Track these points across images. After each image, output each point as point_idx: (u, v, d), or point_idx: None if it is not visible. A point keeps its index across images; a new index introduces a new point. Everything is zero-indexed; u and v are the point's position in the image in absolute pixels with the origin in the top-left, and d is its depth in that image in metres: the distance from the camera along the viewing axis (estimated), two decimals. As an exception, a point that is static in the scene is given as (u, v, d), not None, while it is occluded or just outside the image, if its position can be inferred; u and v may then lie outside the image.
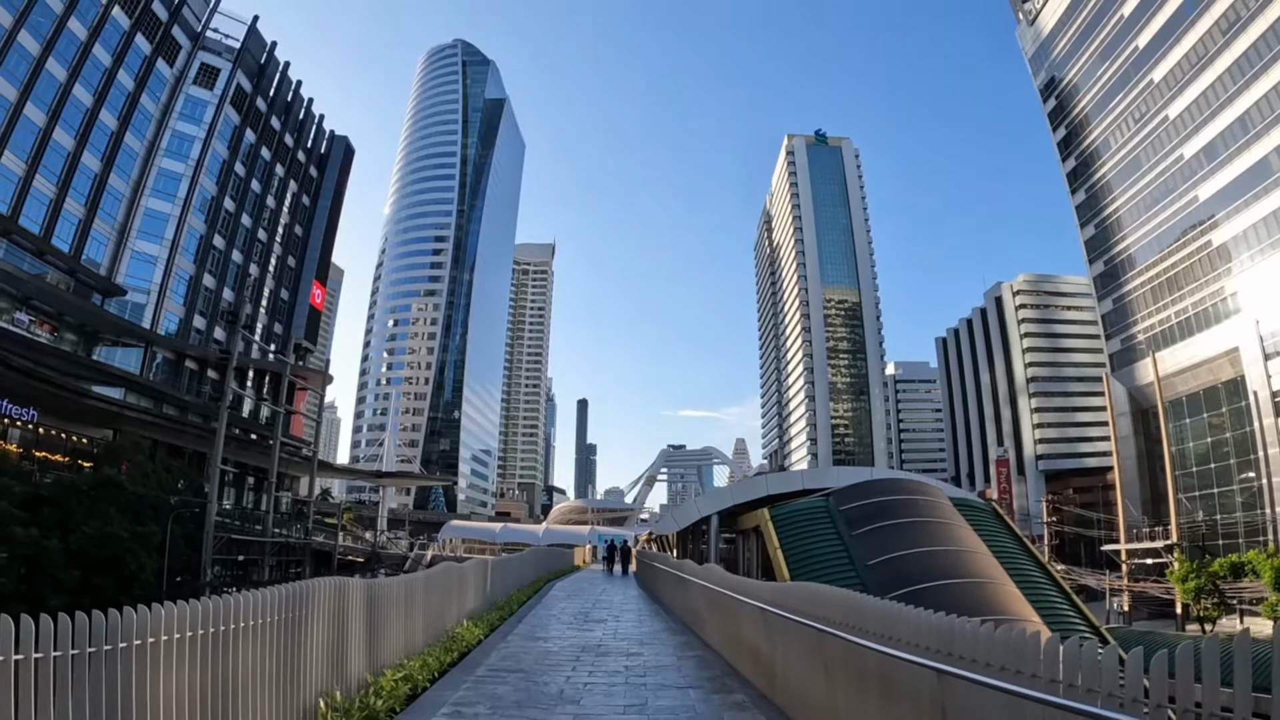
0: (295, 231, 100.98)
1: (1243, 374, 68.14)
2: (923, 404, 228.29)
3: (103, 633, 5.19)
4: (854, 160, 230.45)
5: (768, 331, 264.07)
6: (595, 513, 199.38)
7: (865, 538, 38.05)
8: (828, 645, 8.91)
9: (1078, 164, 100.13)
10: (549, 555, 50.65)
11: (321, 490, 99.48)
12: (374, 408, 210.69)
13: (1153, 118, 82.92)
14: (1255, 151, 67.09)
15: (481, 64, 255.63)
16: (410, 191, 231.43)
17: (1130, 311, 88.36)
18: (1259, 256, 67.08)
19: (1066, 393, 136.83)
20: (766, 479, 71.70)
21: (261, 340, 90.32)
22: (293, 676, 8.01)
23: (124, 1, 69.33)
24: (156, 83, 75.89)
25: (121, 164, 70.15)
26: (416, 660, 12.02)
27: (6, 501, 38.87)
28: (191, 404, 75.01)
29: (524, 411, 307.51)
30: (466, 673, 12.77)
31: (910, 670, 6.85)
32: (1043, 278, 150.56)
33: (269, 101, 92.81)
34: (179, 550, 50.00)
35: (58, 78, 61.52)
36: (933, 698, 6.54)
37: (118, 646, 5.25)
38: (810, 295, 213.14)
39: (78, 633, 5.02)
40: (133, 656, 5.39)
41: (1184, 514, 72.00)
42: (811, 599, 10.12)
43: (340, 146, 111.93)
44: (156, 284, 72.85)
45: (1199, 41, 74.84)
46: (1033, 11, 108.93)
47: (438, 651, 13.33)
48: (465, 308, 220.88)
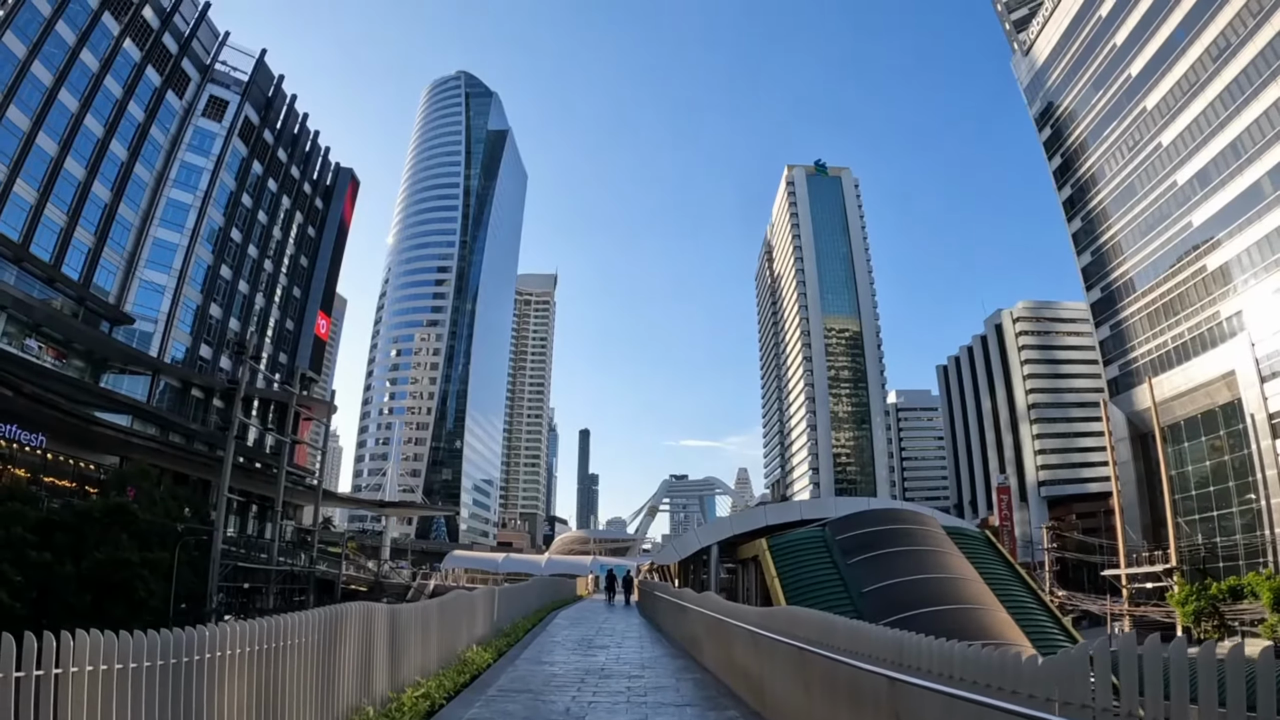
0: (300, 262, 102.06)
1: (1239, 397, 68.71)
2: (925, 432, 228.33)
3: (182, 647, 6.01)
4: (853, 190, 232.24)
5: (769, 361, 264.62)
6: (597, 543, 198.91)
7: (860, 566, 38.78)
8: (807, 661, 9.83)
9: (1074, 192, 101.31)
10: (552, 585, 51.13)
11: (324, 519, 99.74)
12: (376, 437, 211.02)
13: (1146, 145, 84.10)
14: (1248, 176, 68.13)
15: (484, 96, 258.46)
16: (413, 222, 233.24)
17: (1128, 337, 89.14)
18: (1253, 280, 67.89)
19: (1068, 418, 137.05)
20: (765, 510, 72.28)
21: (266, 370, 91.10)
22: (329, 689, 8.90)
23: (135, 33, 70.69)
24: (166, 114, 77.20)
25: (131, 194, 71.25)
26: (433, 680, 12.74)
27: (20, 527, 39.38)
28: (197, 432, 75.62)
29: (526, 441, 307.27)
30: (478, 692, 13.46)
31: (870, 679, 7.78)
32: (1043, 304, 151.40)
33: (276, 134, 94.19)
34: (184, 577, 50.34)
35: (69, 108, 62.63)
36: (889, 702, 7.48)
37: (193, 659, 6.08)
38: (811, 324, 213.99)
39: (163, 647, 5.83)
40: (204, 668, 6.26)
41: (1184, 537, 72.30)
42: (791, 620, 11.17)
43: (345, 178, 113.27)
44: (164, 313, 73.75)
45: (1190, 69, 76.14)
46: (1027, 42, 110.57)
47: (451, 673, 14.05)
48: (468, 338, 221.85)
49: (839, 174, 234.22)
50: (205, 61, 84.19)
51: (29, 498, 45.01)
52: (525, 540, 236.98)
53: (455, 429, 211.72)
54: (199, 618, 48.52)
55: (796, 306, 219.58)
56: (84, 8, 63.94)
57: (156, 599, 46.60)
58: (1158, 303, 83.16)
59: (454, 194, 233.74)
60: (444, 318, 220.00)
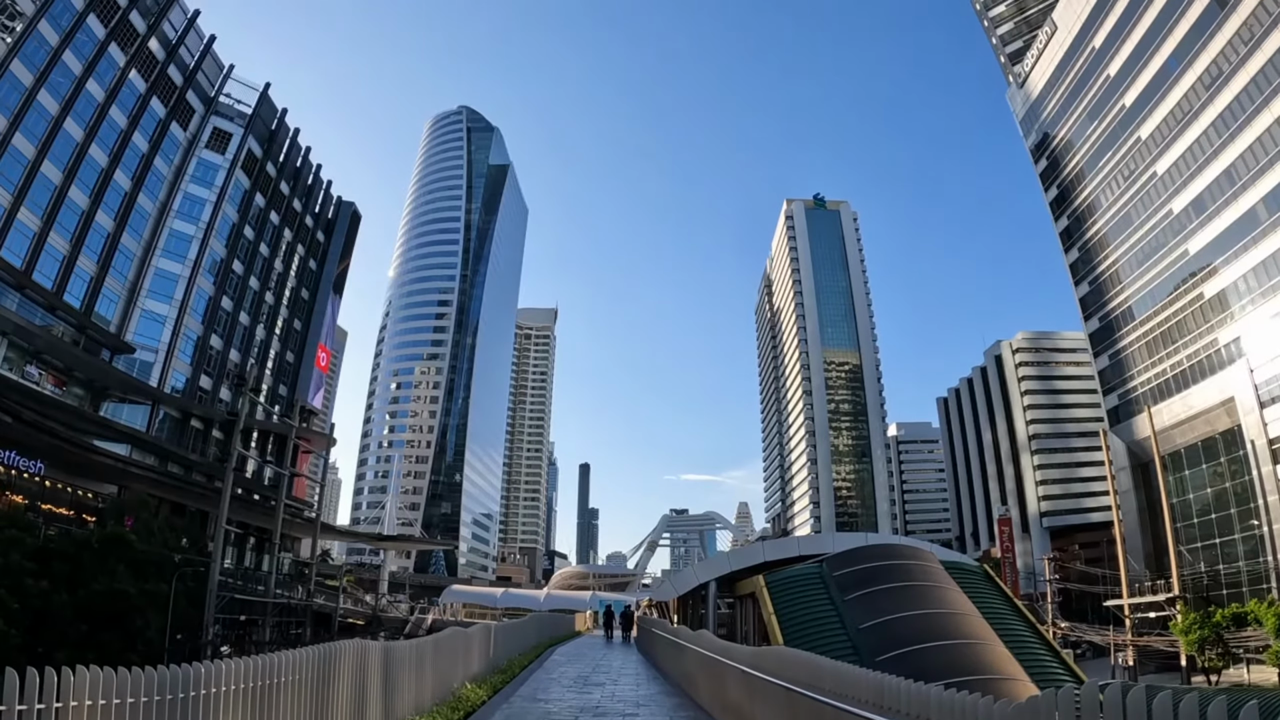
0: (301, 295, 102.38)
1: (1239, 423, 68.69)
2: (926, 464, 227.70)
3: (179, 683, 6.02)
4: (852, 223, 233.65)
5: (769, 395, 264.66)
6: (597, 578, 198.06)
7: (857, 603, 38.79)
8: (795, 702, 9.99)
9: (1070, 222, 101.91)
10: (550, 621, 50.87)
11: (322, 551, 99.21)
12: (375, 470, 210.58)
13: (1141, 174, 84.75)
14: (1243, 202, 68.56)
15: (486, 130, 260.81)
16: (414, 255, 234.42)
17: (1126, 366, 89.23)
18: (1251, 306, 68.11)
19: (1069, 448, 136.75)
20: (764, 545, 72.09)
21: (266, 402, 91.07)
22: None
23: (140, 65, 71.35)
24: (170, 145, 77.72)
25: (134, 223, 71.56)
26: (426, 717, 12.57)
27: (18, 554, 39.18)
28: (196, 463, 75.44)
29: (525, 475, 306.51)
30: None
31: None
32: (1042, 335, 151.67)
33: (279, 167, 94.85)
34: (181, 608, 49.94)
35: (74, 137, 63.00)
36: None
37: (189, 695, 6.07)
38: (811, 358, 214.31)
39: (160, 683, 5.84)
40: (199, 704, 6.28)
41: (1186, 566, 71.91)
42: (781, 661, 11.31)
43: (347, 212, 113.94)
44: (165, 343, 73.83)
45: (1183, 98, 76.88)
46: (1022, 74, 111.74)
47: (445, 710, 13.90)
48: (468, 372, 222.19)
49: (838, 207, 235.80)
50: (209, 94, 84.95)
51: (26, 525, 44.81)
52: (524, 575, 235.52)
53: (455, 463, 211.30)
54: (195, 649, 48.12)
55: (796, 340, 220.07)
56: (91, 38, 64.56)
57: (152, 630, 46.29)
58: (1156, 331, 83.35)
59: (455, 228, 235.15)
60: (444, 351, 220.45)
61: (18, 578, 38.57)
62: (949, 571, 43.16)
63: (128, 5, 68.51)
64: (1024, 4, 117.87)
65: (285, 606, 66.36)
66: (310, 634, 68.02)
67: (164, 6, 74.35)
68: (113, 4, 66.72)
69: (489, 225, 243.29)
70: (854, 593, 39.49)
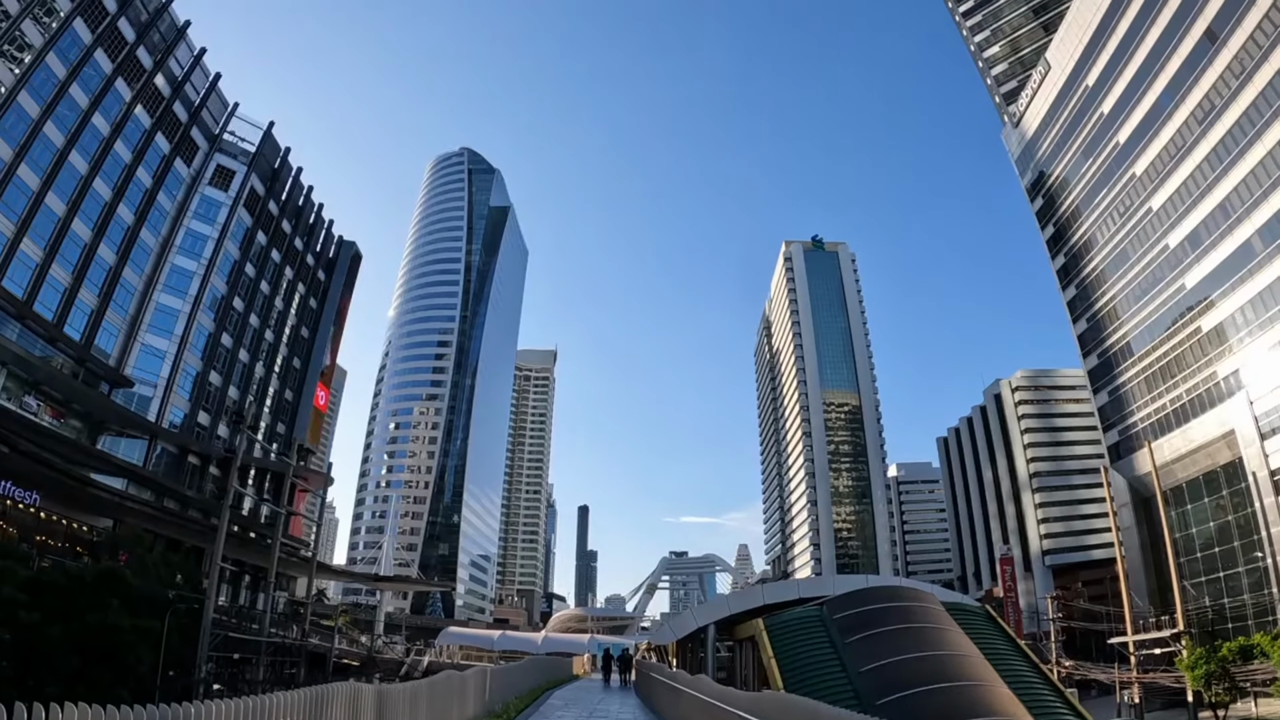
0: (301, 333, 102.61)
1: (1240, 456, 68.32)
2: (926, 505, 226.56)
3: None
4: (850, 265, 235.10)
5: (769, 436, 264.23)
6: (595, 621, 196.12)
7: (857, 645, 38.69)
8: None
9: (1067, 260, 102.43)
10: (547, 664, 50.51)
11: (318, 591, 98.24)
12: (373, 510, 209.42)
13: (1137, 210, 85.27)
14: (1238, 235, 68.87)
15: (487, 172, 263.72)
16: (414, 296, 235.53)
17: (1126, 402, 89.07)
18: (1248, 338, 68.07)
19: (1070, 486, 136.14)
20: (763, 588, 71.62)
21: (264, 440, 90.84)
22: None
23: (146, 100, 72.24)
24: (174, 181, 78.35)
25: (136, 258, 71.86)
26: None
27: (10, 585, 38.82)
28: (193, 499, 74.99)
29: (524, 517, 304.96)
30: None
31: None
32: (1041, 372, 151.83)
33: (281, 205, 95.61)
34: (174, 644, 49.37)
35: (79, 170, 63.44)
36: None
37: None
38: (810, 399, 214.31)
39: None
40: None
41: (1190, 600, 71.08)
42: (780, 706, 11.44)
43: (348, 252, 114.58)
44: (164, 378, 73.80)
45: (1177, 133, 77.62)
46: (1016, 114, 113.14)
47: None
48: (467, 413, 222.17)
49: (836, 249, 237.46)
50: (214, 131, 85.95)
51: (20, 556, 44.49)
52: (522, 617, 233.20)
53: (453, 504, 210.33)
54: (187, 687, 47.49)
55: (795, 381, 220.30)
56: (98, 72, 65.42)
57: (145, 666, 45.76)
58: (1155, 366, 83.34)
59: (455, 269, 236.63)
60: (443, 392, 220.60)
61: (10, 609, 38.17)
62: (950, 613, 43.16)
63: (135, 41, 69.58)
64: (1018, 44, 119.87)
65: (280, 646, 65.63)
66: (304, 674, 67.19)
67: (171, 44, 75.54)
68: (120, 39, 67.73)
69: (489, 266, 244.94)
70: (854, 635, 39.45)
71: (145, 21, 71.51)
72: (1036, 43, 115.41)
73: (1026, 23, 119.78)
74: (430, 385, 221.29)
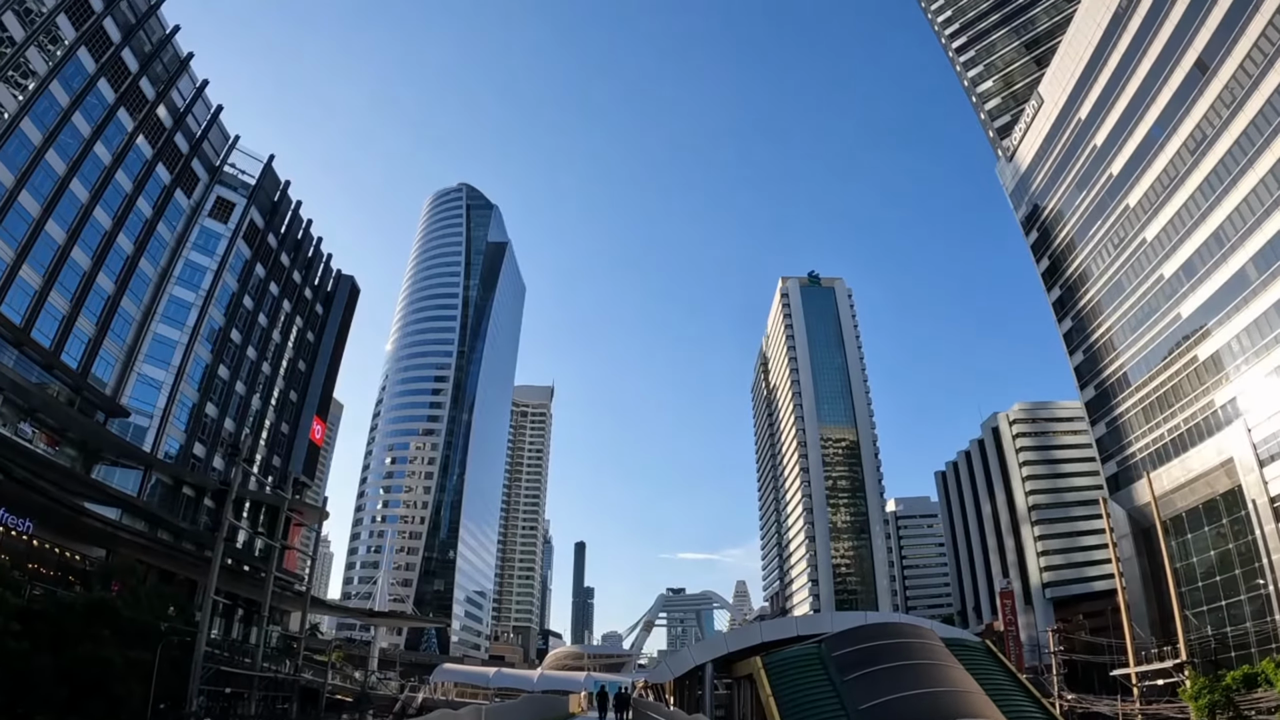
0: (298, 366, 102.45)
1: (1240, 483, 67.86)
2: (925, 539, 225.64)
3: None
4: (847, 300, 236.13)
5: (766, 472, 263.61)
6: (592, 658, 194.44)
7: (856, 683, 38.57)
8: None
9: (1063, 292, 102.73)
10: (542, 702, 50.24)
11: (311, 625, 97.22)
12: (368, 545, 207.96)
13: (1131, 241, 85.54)
14: (1233, 263, 68.92)
15: (485, 208, 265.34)
16: (412, 330, 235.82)
17: (1124, 433, 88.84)
18: (1245, 366, 67.87)
19: (1069, 518, 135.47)
20: (761, 626, 71.17)
21: (260, 472, 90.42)
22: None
23: (148, 130, 72.60)
24: (174, 211, 78.50)
25: (135, 288, 71.83)
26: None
27: (2, 614, 38.38)
28: (186, 531, 74.41)
29: (520, 553, 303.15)
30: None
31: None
32: (1038, 405, 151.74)
33: (280, 238, 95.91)
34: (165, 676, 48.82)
35: (80, 198, 63.52)
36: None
37: None
38: (808, 435, 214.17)
39: None
40: None
41: (1193, 630, 70.34)
42: None
43: (346, 285, 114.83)
44: (160, 409, 73.51)
45: (1169, 163, 78.03)
46: (1010, 148, 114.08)
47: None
48: (463, 448, 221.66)
49: (832, 284, 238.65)
50: (214, 162, 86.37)
51: (12, 583, 44.02)
52: (518, 654, 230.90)
53: (449, 539, 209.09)
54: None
55: (792, 418, 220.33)
56: (101, 101, 65.78)
57: (136, 699, 45.22)
58: (1152, 396, 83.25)
59: (453, 304, 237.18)
60: (440, 427, 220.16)
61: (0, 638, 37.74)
62: (950, 648, 43.05)
63: (138, 71, 70.10)
64: (1011, 79, 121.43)
65: (272, 680, 65.04)
66: (297, 709, 66.58)
67: (174, 75, 76.20)
68: (124, 69, 68.27)
69: (487, 302, 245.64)
70: (853, 673, 39.32)
71: (149, 52, 72.17)
72: (1029, 77, 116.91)
73: (1019, 57, 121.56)
74: (427, 420, 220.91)
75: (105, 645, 43.88)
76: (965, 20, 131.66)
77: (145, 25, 71.47)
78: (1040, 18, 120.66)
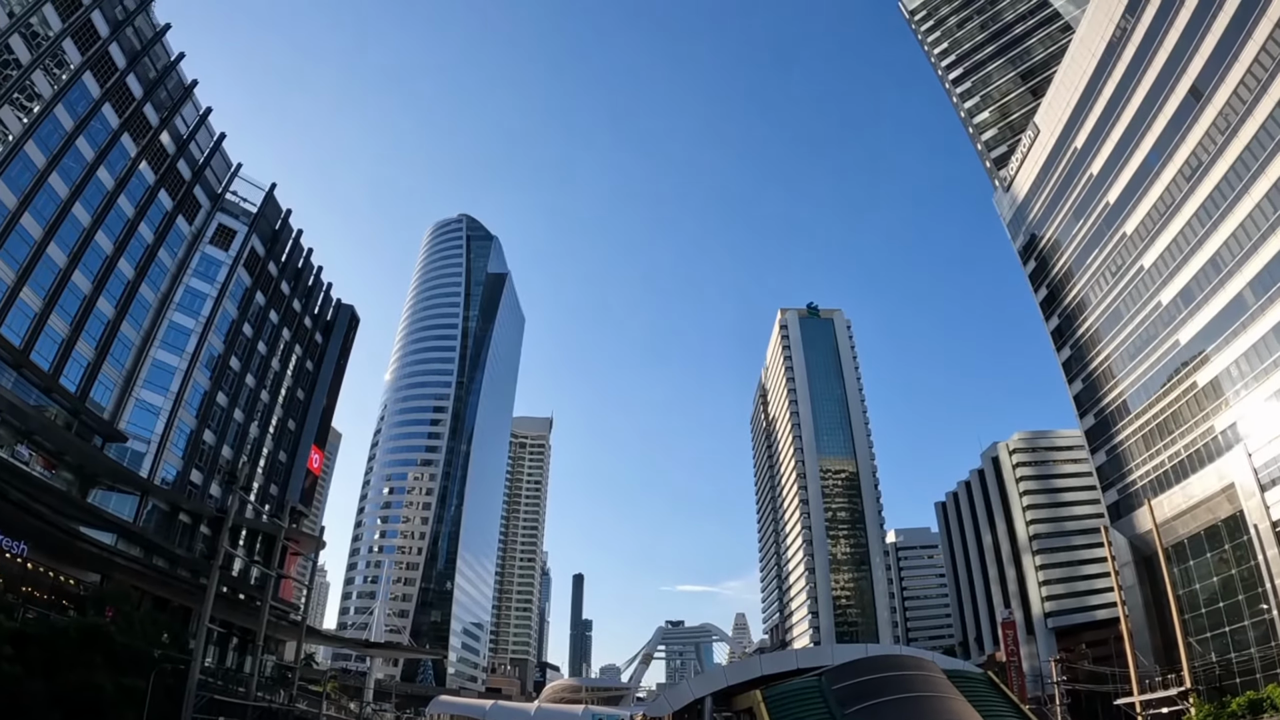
0: (297, 395, 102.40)
1: (1241, 509, 67.53)
2: (926, 570, 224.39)
3: None
4: (846, 332, 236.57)
5: (765, 504, 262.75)
6: (590, 691, 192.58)
7: (858, 716, 38.57)
8: None
9: (1061, 321, 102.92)
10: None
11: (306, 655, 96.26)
12: (365, 575, 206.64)
13: (1129, 269, 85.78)
14: (1230, 289, 69.05)
15: (485, 239, 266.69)
16: (411, 361, 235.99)
17: (1124, 461, 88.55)
18: (1244, 391, 67.79)
19: (1071, 547, 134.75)
20: (761, 659, 70.65)
21: (257, 500, 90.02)
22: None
23: (151, 157, 73.14)
24: (175, 238, 78.92)
25: (134, 313, 72.02)
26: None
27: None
28: (182, 558, 73.95)
29: (518, 585, 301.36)
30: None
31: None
32: (1038, 434, 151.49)
33: (280, 266, 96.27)
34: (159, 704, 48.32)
35: (82, 222, 63.86)
36: None
37: None
38: (807, 467, 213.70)
39: None
40: None
41: (1197, 657, 69.66)
42: None
43: (345, 315, 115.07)
44: (157, 434, 73.35)
45: (1165, 190, 78.43)
46: (1007, 178, 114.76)
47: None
48: (461, 479, 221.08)
49: (831, 316, 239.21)
50: (216, 190, 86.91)
51: (4, 606, 43.72)
52: (515, 686, 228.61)
53: (446, 570, 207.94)
54: (169, 749, 46.31)
55: (792, 449, 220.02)
56: (105, 126, 66.32)
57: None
58: (1152, 423, 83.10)
59: (452, 335, 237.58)
60: (438, 458, 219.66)
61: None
62: (952, 680, 42.99)
63: (143, 97, 70.77)
64: (1007, 109, 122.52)
65: (266, 710, 64.31)
66: (291, 740, 65.62)
67: (178, 102, 76.86)
68: (128, 95, 68.93)
69: (486, 333, 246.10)
70: (854, 706, 39.22)
71: (153, 79, 72.93)
72: (1025, 107, 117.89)
73: (1015, 88, 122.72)
74: (425, 450, 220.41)
75: (98, 671, 43.54)
76: (961, 52, 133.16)
77: (150, 52, 72.20)
78: (1035, 48, 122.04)
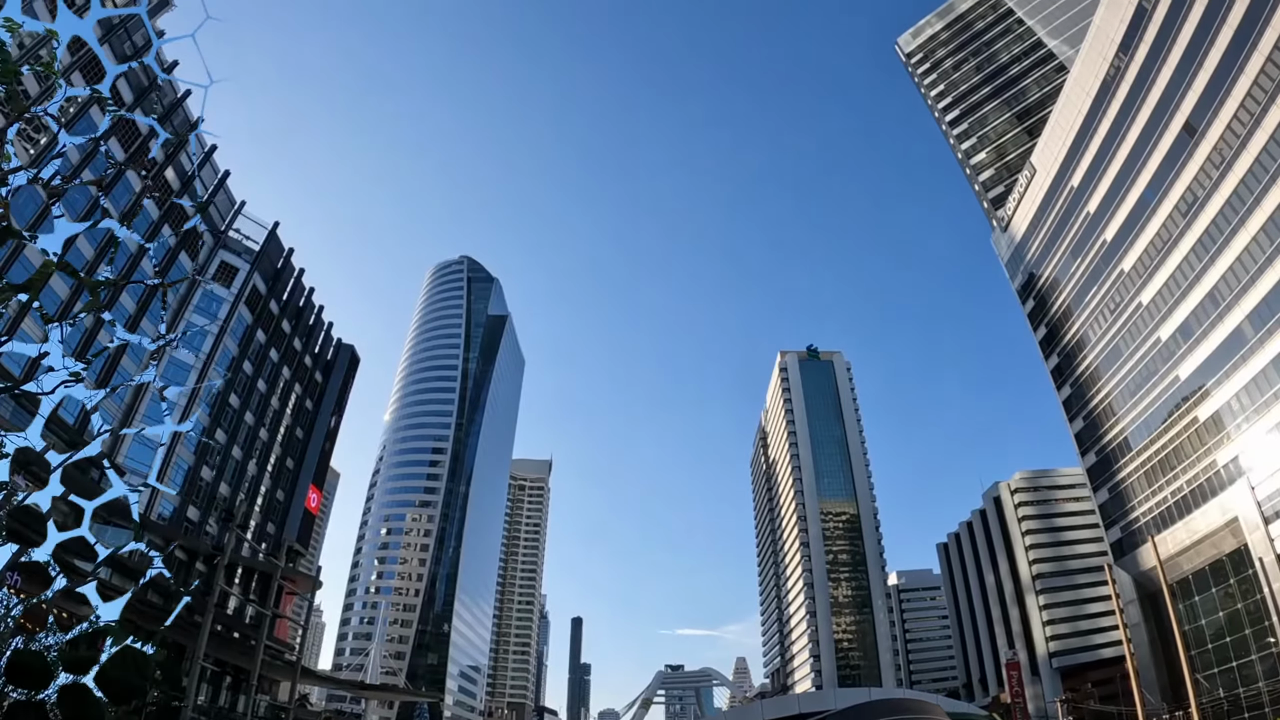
0: (296, 433, 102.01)
1: (1245, 542, 67.15)
2: (928, 612, 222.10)
3: None
4: (846, 373, 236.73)
5: (766, 547, 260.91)
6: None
7: None
8: None
9: (1060, 360, 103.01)
10: None
11: (300, 696, 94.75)
12: (361, 615, 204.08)
13: (1127, 306, 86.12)
14: (1228, 323, 69.28)
15: (485, 281, 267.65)
16: (411, 401, 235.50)
17: (1126, 498, 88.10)
18: (1245, 424, 67.72)
19: (1074, 585, 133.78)
20: (762, 704, 69.72)
21: (253, 539, 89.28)
22: None
23: (155, 193, 73.47)
24: (176, 273, 79.07)
25: (134, 348, 71.95)
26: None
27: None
28: (177, 594, 73.03)
29: (516, 628, 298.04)
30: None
31: None
32: (1040, 473, 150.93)
33: (282, 305, 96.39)
34: (151, 741, 47.59)
35: (84, 254, 63.69)
36: None
37: None
38: (808, 509, 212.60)
39: None
40: None
41: (1204, 693, 68.70)
42: None
43: (346, 355, 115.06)
44: (155, 470, 72.92)
45: (1162, 226, 79.02)
46: (1005, 218, 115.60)
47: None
48: (460, 520, 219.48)
49: (831, 358, 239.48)
50: (219, 227, 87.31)
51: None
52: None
53: (443, 612, 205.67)
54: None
55: (792, 492, 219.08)
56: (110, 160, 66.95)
57: (117, 762, 43.86)
58: (1154, 460, 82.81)
59: (452, 376, 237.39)
60: (437, 499, 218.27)
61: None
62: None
63: (148, 133, 71.45)
64: (1003, 150, 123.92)
65: (260, 751, 63.27)
66: (285, 781, 64.51)
67: (183, 139, 77.57)
68: (134, 131, 69.66)
69: (486, 375, 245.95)
70: None
71: (159, 115, 73.71)
72: (1021, 147, 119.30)
73: (1011, 128, 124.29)
74: (424, 492, 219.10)
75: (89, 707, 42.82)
76: (958, 94, 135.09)
77: (156, 90, 73.12)
78: (1031, 89, 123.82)
